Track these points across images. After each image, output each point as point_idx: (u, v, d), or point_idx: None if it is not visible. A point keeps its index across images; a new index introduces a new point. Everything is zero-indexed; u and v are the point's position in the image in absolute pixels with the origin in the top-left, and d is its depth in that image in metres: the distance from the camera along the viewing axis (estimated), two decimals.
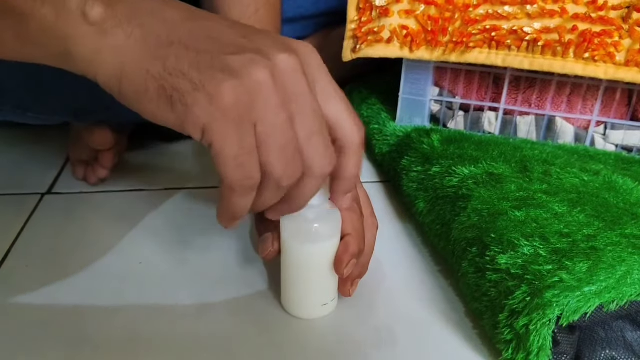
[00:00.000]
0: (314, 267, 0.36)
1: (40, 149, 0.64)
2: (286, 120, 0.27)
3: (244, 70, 0.26)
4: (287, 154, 0.28)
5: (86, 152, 0.56)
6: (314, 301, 0.38)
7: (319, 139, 0.29)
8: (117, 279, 0.42)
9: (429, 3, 0.53)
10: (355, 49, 0.56)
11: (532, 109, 0.58)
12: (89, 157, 0.56)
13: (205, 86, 0.26)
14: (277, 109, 0.27)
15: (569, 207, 0.39)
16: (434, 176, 0.48)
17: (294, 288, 0.38)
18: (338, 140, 0.31)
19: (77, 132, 0.57)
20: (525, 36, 0.52)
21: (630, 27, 0.49)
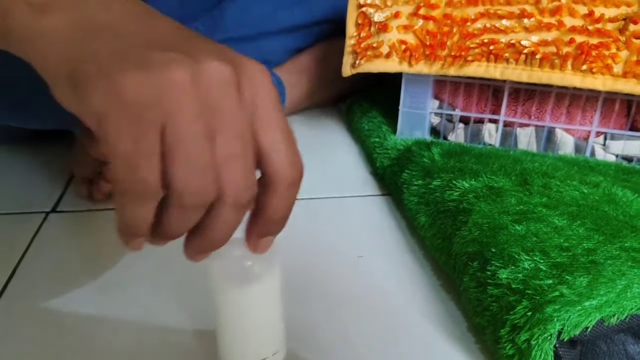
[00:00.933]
0: (247, 314, 0.31)
1: (43, 167, 0.65)
2: (202, 133, 0.24)
3: (160, 66, 0.24)
4: (194, 168, 0.24)
5: (90, 168, 0.56)
6: (251, 354, 0.32)
7: (238, 163, 0.25)
8: (123, 294, 0.43)
9: (427, 18, 0.54)
10: (355, 64, 0.57)
11: (531, 120, 0.58)
12: (93, 173, 0.56)
13: (111, 74, 0.23)
14: (192, 118, 0.24)
15: (569, 221, 0.39)
16: (435, 190, 0.49)
17: (227, 339, 0.32)
18: (266, 175, 0.27)
19: (81, 148, 0.58)
20: (523, 49, 0.52)
21: (627, 39, 0.50)
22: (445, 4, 0.54)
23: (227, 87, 0.25)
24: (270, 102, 0.27)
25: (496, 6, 0.52)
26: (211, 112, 0.24)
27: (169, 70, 0.24)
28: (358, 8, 0.56)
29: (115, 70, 0.23)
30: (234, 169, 0.25)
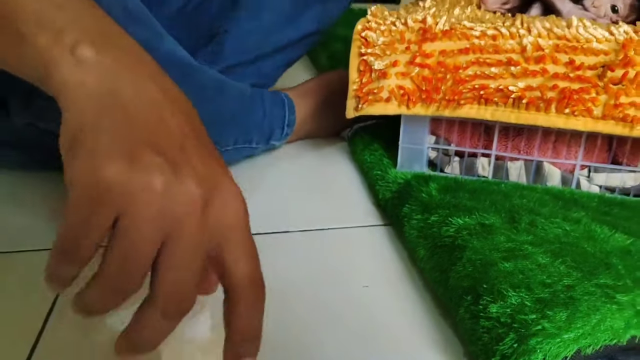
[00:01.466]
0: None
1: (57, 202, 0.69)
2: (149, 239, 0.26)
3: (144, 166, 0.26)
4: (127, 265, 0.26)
5: None
6: None
7: (179, 275, 0.27)
8: None
9: (422, 66, 0.59)
10: (358, 107, 0.62)
11: (521, 155, 0.63)
12: None
13: (99, 155, 0.26)
14: (146, 220, 0.26)
15: (552, 258, 0.44)
16: (433, 225, 0.53)
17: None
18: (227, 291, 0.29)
19: None
20: (510, 94, 0.57)
21: (605, 85, 0.55)
22: (439, 53, 0.59)
23: (192, 206, 0.27)
24: (237, 221, 0.29)
25: (485, 55, 0.57)
26: (168, 223, 0.26)
27: (148, 174, 0.26)
28: (359, 56, 0.62)
29: (105, 154, 0.26)
30: (171, 279, 0.27)
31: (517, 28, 0.57)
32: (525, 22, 0.58)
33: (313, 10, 0.79)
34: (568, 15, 0.65)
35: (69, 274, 0.27)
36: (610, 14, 0.65)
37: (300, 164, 0.77)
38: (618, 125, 0.55)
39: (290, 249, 0.58)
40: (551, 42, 0.55)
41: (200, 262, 0.28)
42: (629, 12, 0.65)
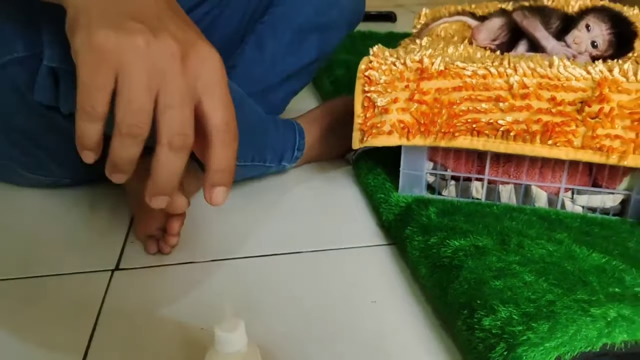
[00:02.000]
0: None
1: (98, 221, 0.75)
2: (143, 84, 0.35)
3: (128, 31, 0.35)
4: (132, 107, 0.34)
5: (154, 226, 0.67)
6: None
7: (174, 112, 0.35)
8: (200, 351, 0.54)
9: (420, 102, 0.66)
10: (363, 139, 0.69)
11: (510, 179, 0.70)
12: (157, 230, 0.67)
13: (92, 26, 0.34)
14: (139, 72, 0.34)
15: (536, 277, 0.51)
16: (432, 246, 0.60)
17: None
18: (207, 133, 0.37)
19: (141, 209, 0.68)
20: (500, 127, 0.64)
21: (584, 118, 0.61)
22: (435, 90, 0.65)
23: (172, 58, 0.36)
24: (213, 75, 0.37)
25: (477, 92, 0.64)
26: (156, 73, 0.35)
27: (132, 36, 0.35)
28: (363, 93, 0.68)
29: (95, 25, 0.35)
30: (170, 117, 0.35)
31: (504, 68, 0.64)
32: (511, 62, 0.65)
33: (312, 39, 0.86)
34: (552, 51, 0.72)
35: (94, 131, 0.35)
36: (590, 50, 0.71)
37: (310, 188, 0.84)
38: (596, 154, 0.62)
39: (303, 268, 0.65)
40: (535, 80, 0.62)
41: (188, 105, 0.36)
42: (607, 47, 0.71)
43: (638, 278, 0.51)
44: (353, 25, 0.93)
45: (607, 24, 0.70)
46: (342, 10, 0.86)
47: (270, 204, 0.79)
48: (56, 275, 0.65)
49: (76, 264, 0.67)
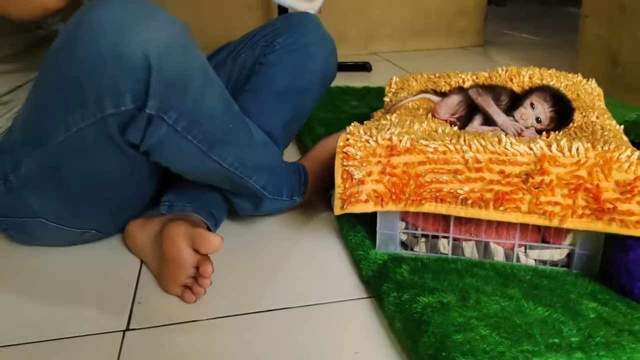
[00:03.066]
0: None
1: (103, 283, 0.83)
2: None
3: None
4: None
5: (184, 276, 0.76)
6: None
7: None
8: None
9: (391, 175, 0.77)
10: (343, 207, 0.79)
11: (472, 237, 0.81)
12: (188, 277, 0.76)
13: None
14: None
15: (490, 330, 0.61)
16: (405, 302, 0.70)
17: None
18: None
19: (167, 265, 0.77)
20: (459, 195, 0.75)
21: (529, 188, 0.72)
22: (404, 164, 0.76)
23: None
24: None
25: (439, 165, 0.75)
26: None
27: None
28: (342, 166, 0.79)
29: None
30: None
31: (461, 145, 0.75)
32: (467, 140, 0.76)
33: (290, 101, 0.98)
34: (502, 125, 0.84)
35: None
36: (535, 124, 0.83)
37: (295, 244, 0.93)
38: (540, 218, 0.73)
39: (292, 322, 0.74)
40: (487, 156, 0.73)
41: None
42: (549, 122, 0.83)
43: (574, 329, 0.61)
44: (325, 86, 1.05)
45: (548, 103, 0.82)
46: (314, 75, 0.98)
47: (255, 261, 0.88)
48: (69, 339, 0.72)
49: (88, 326, 0.74)
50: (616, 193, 0.70)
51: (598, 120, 0.88)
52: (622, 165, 0.69)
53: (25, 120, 0.75)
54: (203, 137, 0.73)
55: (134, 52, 0.63)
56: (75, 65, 0.65)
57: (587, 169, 0.70)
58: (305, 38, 0.97)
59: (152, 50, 0.64)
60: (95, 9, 0.64)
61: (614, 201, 0.70)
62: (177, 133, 0.70)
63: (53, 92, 0.70)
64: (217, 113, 0.75)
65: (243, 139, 0.82)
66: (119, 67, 0.64)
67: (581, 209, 0.71)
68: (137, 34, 0.63)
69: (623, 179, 0.69)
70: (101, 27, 0.63)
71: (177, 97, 0.68)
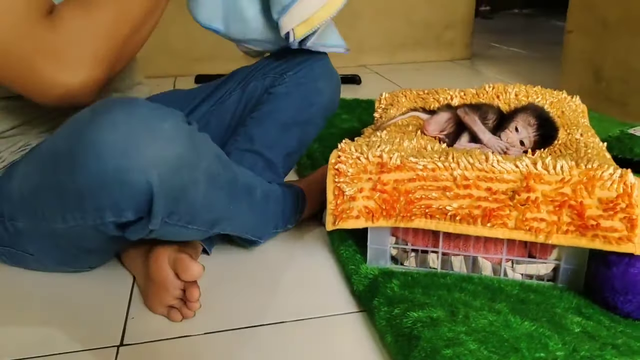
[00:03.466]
0: None
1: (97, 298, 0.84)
2: None
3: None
4: None
5: (170, 297, 0.76)
6: None
7: None
8: None
9: (382, 191, 0.78)
10: (335, 222, 0.81)
11: (460, 251, 0.82)
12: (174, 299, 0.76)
13: None
14: None
15: (479, 345, 0.62)
16: (396, 317, 0.71)
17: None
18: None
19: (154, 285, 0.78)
20: (448, 212, 0.77)
21: (515, 205, 0.75)
22: (394, 181, 0.78)
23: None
24: None
25: (428, 182, 0.77)
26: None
27: None
28: (334, 182, 0.80)
29: None
30: None
31: (449, 162, 0.77)
32: (455, 157, 0.78)
33: (294, 132, 0.99)
34: (488, 143, 0.86)
35: None
36: (519, 146, 0.86)
37: (289, 259, 0.94)
38: (527, 234, 0.75)
39: (283, 338, 0.75)
40: (474, 173, 0.75)
41: None
42: (534, 145, 0.87)
43: (559, 343, 0.63)
44: (328, 118, 1.07)
45: (532, 127, 0.85)
46: (319, 108, 1.00)
47: (249, 277, 0.90)
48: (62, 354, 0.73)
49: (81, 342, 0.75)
50: (599, 210, 0.72)
51: (582, 137, 0.91)
52: (605, 183, 0.71)
53: (23, 187, 0.73)
54: (204, 223, 0.75)
55: (137, 179, 0.61)
56: (75, 180, 0.63)
57: (571, 186, 0.73)
58: (314, 73, 1.00)
59: (155, 176, 0.62)
60: (98, 127, 0.61)
61: (597, 218, 0.72)
62: (179, 226, 0.71)
63: (51, 189, 0.68)
64: (221, 205, 0.76)
65: (244, 212, 0.83)
66: (120, 192, 0.62)
67: (566, 225, 0.73)
68: (140, 159, 0.61)
69: (606, 196, 0.71)
70: (103, 150, 0.61)
71: (181, 206, 0.68)
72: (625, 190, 0.71)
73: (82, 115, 0.65)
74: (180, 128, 0.65)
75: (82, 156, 0.61)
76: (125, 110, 0.62)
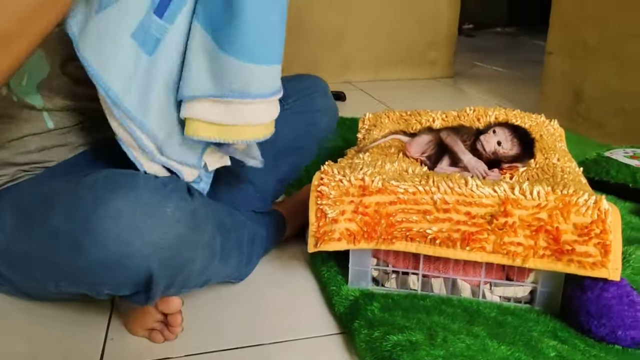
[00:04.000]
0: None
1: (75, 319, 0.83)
2: None
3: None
4: None
5: (152, 320, 0.76)
6: None
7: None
8: None
9: (363, 214, 0.79)
10: (316, 244, 0.81)
11: (440, 273, 0.84)
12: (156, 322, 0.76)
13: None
14: None
15: None
16: (376, 340, 0.72)
17: None
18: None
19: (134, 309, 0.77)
20: (428, 235, 0.78)
21: (493, 229, 0.76)
22: (375, 204, 0.79)
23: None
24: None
25: (409, 206, 0.78)
26: None
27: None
28: (316, 204, 0.81)
29: None
30: None
31: (430, 186, 0.78)
32: (435, 181, 0.79)
33: (288, 159, 1.00)
34: (468, 163, 0.88)
35: None
36: (497, 148, 0.89)
37: (270, 281, 0.95)
38: (504, 258, 0.76)
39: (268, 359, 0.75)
40: (454, 197, 0.77)
41: None
42: (511, 146, 0.89)
43: None
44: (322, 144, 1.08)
45: (509, 130, 0.89)
46: (315, 137, 1.01)
47: (230, 296, 0.89)
48: None
49: None
50: (574, 235, 0.74)
51: (559, 162, 0.93)
52: (580, 209, 0.73)
53: (12, 244, 0.69)
54: (195, 285, 0.76)
55: (138, 264, 0.62)
56: (75, 261, 0.63)
57: (547, 211, 0.74)
58: (314, 103, 1.01)
59: (156, 260, 0.63)
60: (102, 217, 0.60)
61: (572, 243, 0.74)
62: (174, 290, 0.72)
63: (47, 260, 0.66)
64: (213, 269, 0.77)
65: (231, 265, 0.84)
66: (120, 274, 0.63)
67: (542, 249, 0.75)
68: (142, 247, 0.61)
69: (581, 222, 0.73)
70: (107, 239, 0.60)
71: (178, 279, 0.68)
72: (599, 216, 0.73)
73: (85, 196, 0.62)
74: (182, 208, 0.65)
75: (84, 242, 0.61)
76: (130, 197, 0.61)
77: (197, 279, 0.74)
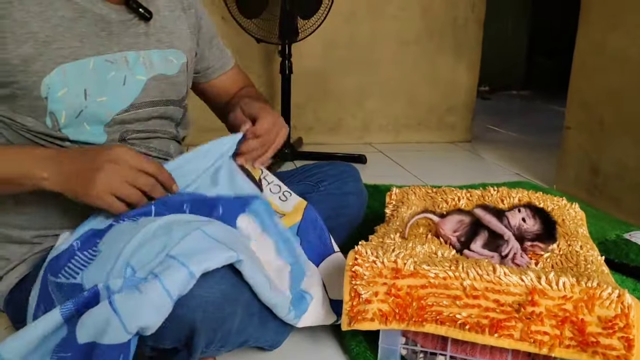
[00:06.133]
0: None
1: None
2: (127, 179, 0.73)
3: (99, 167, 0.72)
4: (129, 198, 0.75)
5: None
6: None
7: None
8: None
9: (396, 296, 0.83)
10: (350, 323, 0.85)
11: (467, 356, 0.87)
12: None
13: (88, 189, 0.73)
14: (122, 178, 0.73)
15: None
16: None
17: None
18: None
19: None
20: (457, 320, 0.81)
21: (521, 317, 0.80)
22: (407, 286, 0.83)
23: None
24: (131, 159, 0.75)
25: (440, 290, 0.82)
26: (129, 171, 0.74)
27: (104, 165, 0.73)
28: (351, 284, 0.86)
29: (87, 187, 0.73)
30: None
31: (459, 272, 0.82)
32: (465, 267, 0.83)
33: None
34: (509, 239, 0.95)
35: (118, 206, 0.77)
36: (521, 223, 0.96)
37: (297, 351, 0.98)
38: (531, 346, 0.79)
39: None
40: (483, 284, 0.81)
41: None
42: (534, 223, 0.96)
43: None
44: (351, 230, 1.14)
45: (531, 210, 0.97)
46: (345, 220, 1.09)
47: None
48: None
49: None
50: (599, 328, 0.77)
51: (582, 250, 0.97)
52: (604, 302, 0.77)
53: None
54: (233, 345, 0.81)
55: (183, 315, 0.68)
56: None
57: (572, 303, 0.78)
58: (347, 187, 1.09)
59: (200, 314, 0.69)
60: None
61: (596, 335, 0.77)
62: (214, 347, 0.77)
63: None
64: (252, 329, 0.81)
65: (269, 329, 0.87)
66: (166, 323, 0.66)
67: (568, 340, 0.78)
68: (189, 299, 0.67)
69: (605, 315, 0.77)
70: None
71: (217, 335, 0.74)
72: (622, 310, 0.76)
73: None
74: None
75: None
76: None
77: (236, 337, 0.78)
